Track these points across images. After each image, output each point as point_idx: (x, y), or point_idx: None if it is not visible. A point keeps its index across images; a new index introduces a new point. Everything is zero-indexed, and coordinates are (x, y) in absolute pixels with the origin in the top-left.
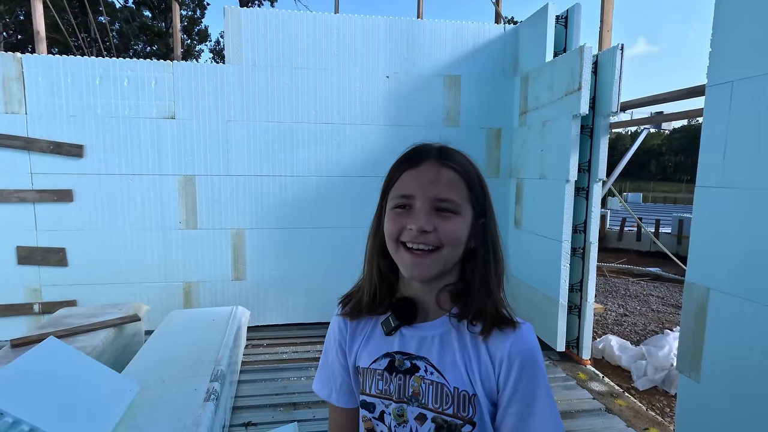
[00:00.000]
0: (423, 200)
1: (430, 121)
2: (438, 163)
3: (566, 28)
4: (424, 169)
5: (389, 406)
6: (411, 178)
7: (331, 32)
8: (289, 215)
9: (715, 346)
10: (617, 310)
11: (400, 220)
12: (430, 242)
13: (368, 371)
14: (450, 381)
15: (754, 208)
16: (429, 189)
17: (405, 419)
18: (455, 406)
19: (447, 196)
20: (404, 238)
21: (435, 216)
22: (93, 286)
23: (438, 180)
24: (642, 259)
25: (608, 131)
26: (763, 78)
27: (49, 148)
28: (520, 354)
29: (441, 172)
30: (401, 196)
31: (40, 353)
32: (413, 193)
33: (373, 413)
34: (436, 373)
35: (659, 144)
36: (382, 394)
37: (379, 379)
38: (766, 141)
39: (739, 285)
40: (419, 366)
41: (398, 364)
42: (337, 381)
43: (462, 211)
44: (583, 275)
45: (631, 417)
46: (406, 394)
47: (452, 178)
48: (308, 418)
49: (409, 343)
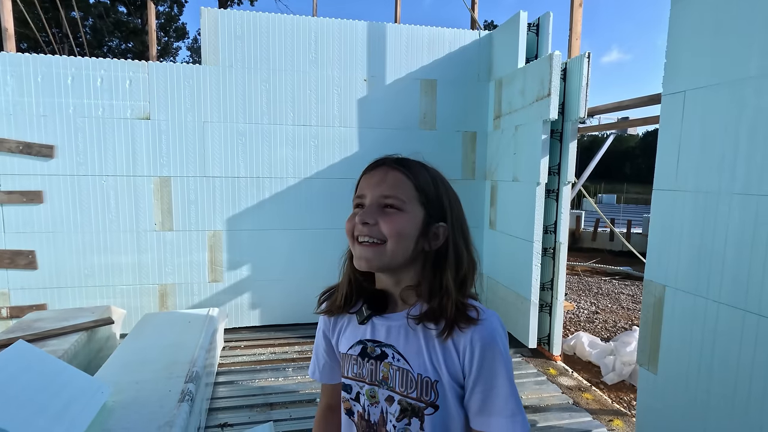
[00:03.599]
0: (370, 198)
1: (407, 124)
2: (387, 167)
3: (537, 35)
4: (376, 173)
5: (363, 387)
6: (365, 181)
7: (309, 35)
8: (267, 217)
9: (670, 340)
10: (589, 308)
11: (354, 218)
12: (373, 235)
13: (346, 356)
14: (414, 368)
15: (703, 210)
16: (376, 188)
17: (377, 400)
18: (418, 390)
19: (390, 193)
20: (355, 232)
21: (379, 212)
22: (64, 290)
23: (384, 180)
24: (615, 259)
25: (576, 135)
26: (710, 89)
27: (18, 148)
28: (481, 340)
29: (388, 174)
30: (356, 197)
31: (9, 357)
32: (364, 192)
33: (350, 394)
34: (402, 360)
35: (633, 147)
36: (357, 377)
37: (354, 364)
38: (713, 147)
39: (691, 282)
40: (388, 353)
41: (370, 350)
42: (320, 362)
43: (406, 208)
44: (554, 274)
45: (597, 410)
46: (377, 377)
47: (398, 178)
48: (285, 418)
49: (379, 331)
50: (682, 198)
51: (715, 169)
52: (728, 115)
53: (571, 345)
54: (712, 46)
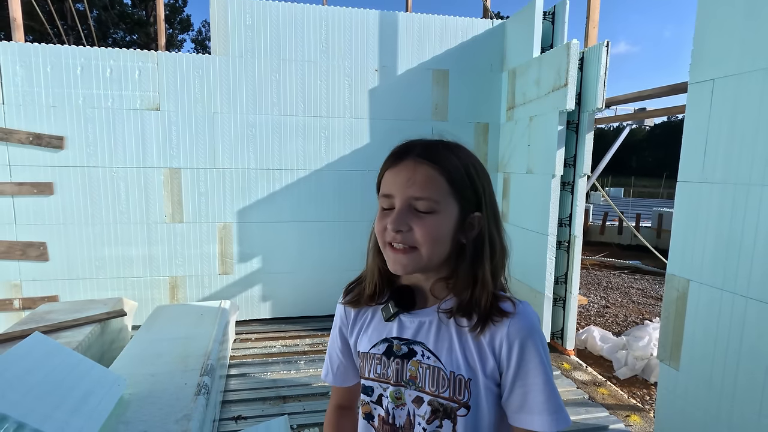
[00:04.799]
0: (400, 200)
1: (418, 116)
2: (414, 161)
3: (553, 24)
4: (402, 167)
5: (387, 389)
6: (391, 177)
7: (320, 24)
8: (277, 209)
9: (694, 335)
10: (599, 302)
11: (384, 220)
12: (407, 242)
13: (368, 356)
14: (446, 365)
15: (731, 202)
16: (405, 188)
17: (402, 402)
18: (451, 389)
19: (421, 195)
20: (387, 238)
21: (411, 215)
22: (75, 281)
23: (414, 178)
24: (623, 252)
25: (593, 126)
26: (741, 76)
27: (28, 139)
28: (518, 333)
29: (417, 170)
30: (384, 196)
31: (26, 349)
32: (392, 192)
33: (371, 397)
34: (432, 358)
35: (640, 140)
36: (380, 377)
37: (378, 363)
38: (743, 138)
39: (717, 276)
40: (416, 350)
41: (396, 349)
42: (334, 364)
43: (441, 208)
44: (568, 268)
45: (614, 405)
46: (404, 377)
47: (429, 174)
48: (298, 411)
49: (407, 328)
50: (708, 190)
51: (745, 159)
52: (761, 103)
53: (582, 339)
54: (743, 30)
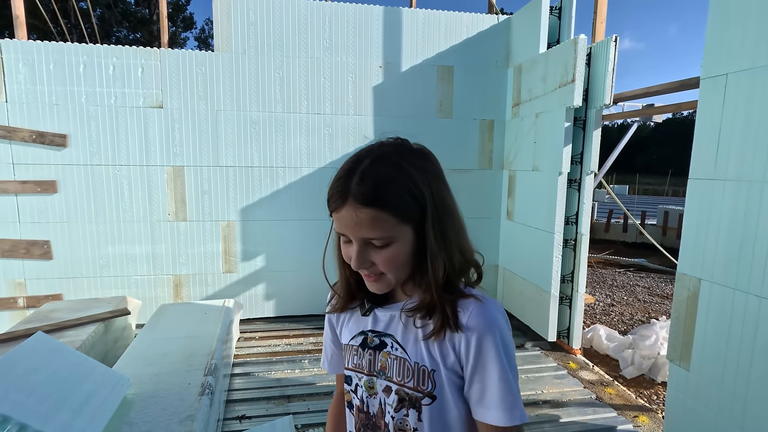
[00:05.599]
0: (355, 240)
1: (423, 112)
2: (354, 206)
3: (560, 19)
4: (344, 213)
5: (361, 379)
6: (338, 220)
7: (323, 20)
8: (281, 207)
9: (705, 335)
10: (605, 301)
11: (347, 251)
12: (374, 272)
13: (348, 347)
14: (411, 356)
15: (744, 200)
16: (355, 231)
17: (375, 391)
18: (415, 379)
19: (373, 236)
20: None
21: (370, 251)
22: (79, 280)
23: (359, 224)
24: (628, 250)
25: (601, 123)
26: (756, 71)
27: (31, 137)
28: (476, 328)
29: (359, 215)
30: (339, 233)
31: (29, 349)
32: (345, 232)
33: (350, 386)
34: (400, 349)
35: (645, 137)
36: (356, 367)
37: (355, 354)
38: (757, 134)
39: (730, 276)
40: (387, 342)
41: (369, 341)
42: (328, 353)
43: (395, 238)
44: (575, 266)
45: (621, 405)
46: (375, 368)
47: (373, 216)
48: (303, 411)
49: (380, 321)
50: (721, 187)
51: (760, 156)
52: None
53: (588, 338)
54: (758, 24)
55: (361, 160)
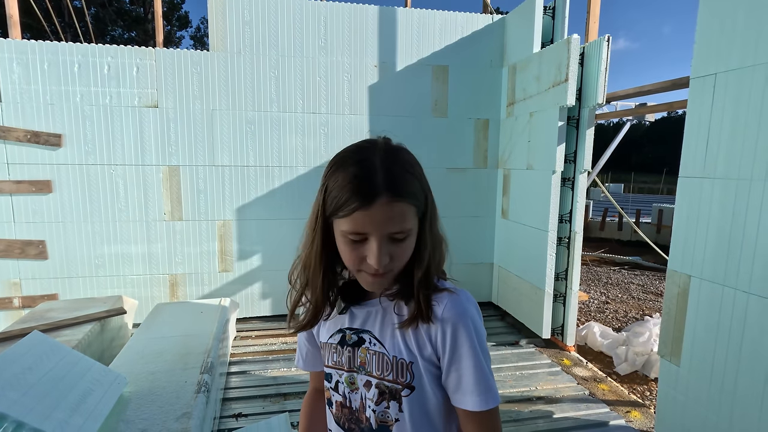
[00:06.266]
0: (378, 237)
1: (418, 112)
2: (389, 201)
3: (553, 19)
4: (376, 209)
5: (342, 375)
6: (363, 218)
7: (318, 20)
8: (277, 206)
9: (695, 331)
10: (599, 298)
11: (357, 251)
12: (387, 269)
13: (326, 345)
14: (389, 350)
15: (733, 197)
16: (383, 227)
17: (356, 386)
18: (394, 372)
19: (400, 229)
20: (364, 269)
21: (389, 246)
22: (75, 279)
23: (392, 218)
24: (623, 248)
25: (594, 122)
26: (744, 71)
27: (25, 137)
28: (451, 319)
29: (393, 209)
30: (354, 233)
31: (25, 348)
32: (367, 231)
33: (330, 383)
34: (378, 344)
35: (640, 136)
36: (336, 365)
37: (334, 352)
38: (745, 133)
39: (718, 272)
40: (365, 338)
41: (348, 338)
42: (303, 351)
43: (412, 231)
44: (568, 264)
45: (614, 401)
46: (355, 364)
47: (403, 210)
48: (298, 408)
49: (357, 318)
50: (710, 185)
51: (747, 155)
52: (763, 98)
53: (582, 335)
54: (746, 24)
55: (370, 158)
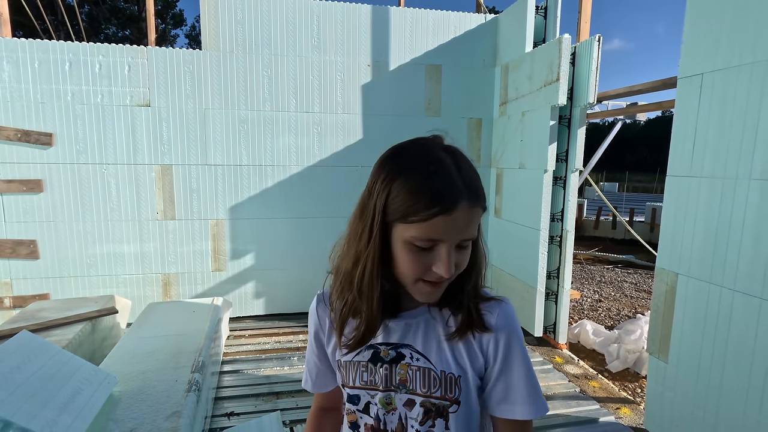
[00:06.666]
0: (450, 243)
1: (411, 111)
2: (469, 206)
3: (545, 18)
4: (458, 215)
5: (375, 396)
6: (444, 224)
7: (311, 19)
8: (270, 206)
9: (682, 328)
10: (593, 296)
11: (423, 261)
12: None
13: (351, 364)
14: (436, 365)
15: (719, 196)
16: (459, 234)
17: (393, 406)
18: (443, 388)
19: (471, 235)
20: (428, 278)
21: (456, 252)
22: (66, 279)
23: (469, 224)
24: (617, 247)
25: (585, 122)
26: (730, 71)
27: (16, 136)
28: (504, 330)
29: (471, 215)
30: (427, 239)
31: (12, 347)
32: (443, 238)
33: (357, 405)
34: (422, 359)
35: (635, 135)
36: (367, 385)
37: (364, 371)
38: (731, 132)
39: (705, 270)
40: (404, 354)
41: (383, 354)
42: (312, 372)
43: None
44: (560, 263)
45: (605, 398)
46: (393, 382)
47: (479, 215)
48: (291, 407)
49: (393, 332)
50: (697, 184)
51: (733, 153)
52: (748, 97)
53: (575, 333)
54: (731, 26)
55: (443, 160)
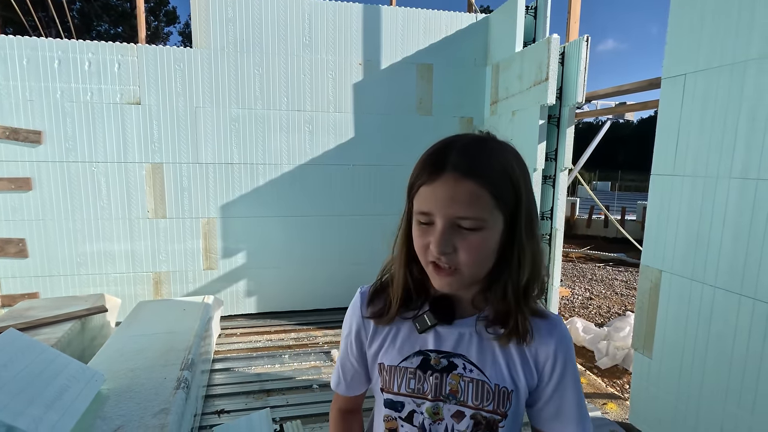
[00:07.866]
0: (443, 219)
1: (403, 110)
2: (455, 177)
3: (535, 18)
4: (440, 184)
5: (422, 405)
6: (428, 194)
7: (303, 17)
8: (262, 204)
9: (665, 324)
10: (584, 294)
11: (425, 237)
12: (452, 263)
13: (397, 369)
14: (491, 378)
15: (700, 195)
16: (446, 207)
17: (440, 417)
18: (495, 402)
19: (466, 214)
20: (429, 257)
21: (456, 234)
22: (56, 278)
23: (455, 197)
24: (609, 245)
25: (574, 121)
26: (711, 71)
27: (4, 134)
28: (562, 350)
29: (458, 188)
30: (421, 213)
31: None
32: (431, 210)
33: (400, 413)
34: (476, 371)
35: (627, 134)
36: (414, 392)
37: (411, 378)
38: (712, 131)
39: (687, 267)
40: (457, 363)
41: (434, 362)
42: (347, 373)
43: (487, 225)
44: (550, 260)
45: (592, 394)
46: (443, 392)
47: (472, 191)
48: (281, 404)
49: (446, 340)
50: (680, 183)
51: (713, 152)
52: (728, 98)
53: None
54: (713, 27)
55: (458, 139)
